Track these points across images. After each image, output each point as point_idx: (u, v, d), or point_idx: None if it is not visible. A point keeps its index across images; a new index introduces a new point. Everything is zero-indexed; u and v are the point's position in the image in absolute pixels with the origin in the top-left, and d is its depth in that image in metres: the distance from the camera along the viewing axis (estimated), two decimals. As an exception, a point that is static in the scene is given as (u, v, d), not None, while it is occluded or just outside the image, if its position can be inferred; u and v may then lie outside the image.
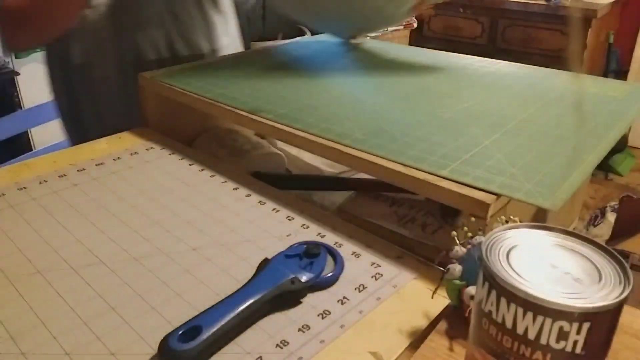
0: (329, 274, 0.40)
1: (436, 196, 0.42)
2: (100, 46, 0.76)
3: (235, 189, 0.53)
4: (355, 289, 0.39)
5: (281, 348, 0.34)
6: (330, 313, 0.37)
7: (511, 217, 0.36)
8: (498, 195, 0.39)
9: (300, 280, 0.38)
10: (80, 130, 0.84)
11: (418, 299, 0.38)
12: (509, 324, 0.25)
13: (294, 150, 0.68)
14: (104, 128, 0.80)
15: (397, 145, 0.47)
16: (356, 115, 0.54)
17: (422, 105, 0.57)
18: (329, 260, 0.42)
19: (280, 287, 0.37)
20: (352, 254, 0.43)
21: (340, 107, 0.57)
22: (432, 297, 0.38)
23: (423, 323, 0.36)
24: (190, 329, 0.33)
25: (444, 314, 0.36)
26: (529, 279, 0.25)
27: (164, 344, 0.32)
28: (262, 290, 0.36)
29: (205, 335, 0.32)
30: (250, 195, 0.52)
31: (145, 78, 0.67)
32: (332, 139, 0.49)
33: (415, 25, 2.44)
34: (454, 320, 0.35)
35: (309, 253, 0.41)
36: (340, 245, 0.44)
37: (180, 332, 0.32)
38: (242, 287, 0.37)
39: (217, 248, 0.44)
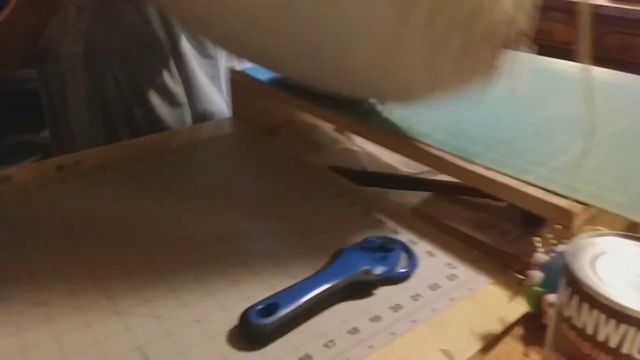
0: (403, 270, 0.40)
1: (519, 202, 0.41)
2: (74, 73, 0.77)
3: (313, 180, 0.55)
4: (429, 287, 0.39)
5: (352, 335, 0.35)
6: (402, 307, 0.37)
7: (599, 228, 0.35)
8: (586, 205, 0.38)
9: (373, 272, 0.39)
10: (61, 152, 0.84)
11: (494, 303, 0.37)
12: (589, 330, 0.24)
13: (370, 147, 0.68)
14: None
15: (479, 148, 0.47)
16: (437, 116, 0.54)
17: (508, 109, 0.56)
18: (403, 256, 0.42)
19: (353, 276, 0.38)
20: (426, 253, 0.43)
21: (421, 107, 0.57)
22: (510, 302, 0.37)
23: (497, 327, 0.35)
24: (268, 306, 0.34)
25: (520, 321, 0.35)
26: (614, 286, 0.24)
27: (245, 316, 0.34)
28: (336, 278, 0.38)
29: (282, 312, 0.34)
30: (327, 187, 0.54)
31: (235, 72, 0.71)
32: (412, 138, 0.49)
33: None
34: (530, 327, 0.34)
35: (384, 247, 0.42)
36: (415, 244, 0.44)
37: (259, 307, 0.34)
38: (317, 273, 0.39)
39: (294, 234, 0.46)
